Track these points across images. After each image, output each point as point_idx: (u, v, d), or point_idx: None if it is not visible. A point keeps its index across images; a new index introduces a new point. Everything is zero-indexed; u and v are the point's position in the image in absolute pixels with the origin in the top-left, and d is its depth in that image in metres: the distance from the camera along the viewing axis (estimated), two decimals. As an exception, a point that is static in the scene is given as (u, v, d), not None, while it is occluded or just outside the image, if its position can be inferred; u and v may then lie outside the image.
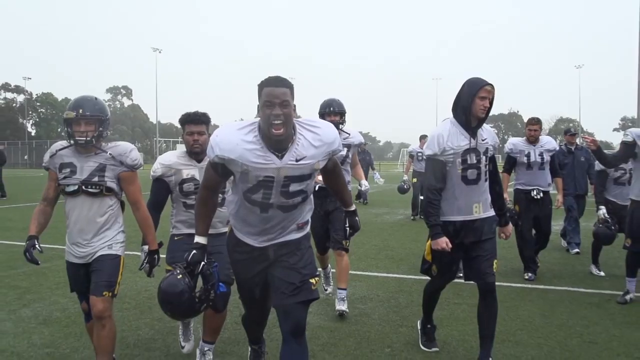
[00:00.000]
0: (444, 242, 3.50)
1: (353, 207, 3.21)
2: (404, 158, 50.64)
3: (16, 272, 6.47)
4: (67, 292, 4.40)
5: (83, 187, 3.24)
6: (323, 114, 4.86)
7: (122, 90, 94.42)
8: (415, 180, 12.06)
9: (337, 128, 3.88)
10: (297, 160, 2.57)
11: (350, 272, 5.16)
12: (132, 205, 3.41)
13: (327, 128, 2.70)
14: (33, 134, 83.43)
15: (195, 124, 3.65)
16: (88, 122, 3.22)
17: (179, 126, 3.81)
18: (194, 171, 3.64)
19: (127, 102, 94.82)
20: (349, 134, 4.95)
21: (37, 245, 3.20)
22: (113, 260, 3.28)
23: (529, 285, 6.12)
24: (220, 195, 3.61)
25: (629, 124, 66.18)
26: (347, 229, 3.27)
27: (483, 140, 3.63)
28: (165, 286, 2.78)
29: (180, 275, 2.76)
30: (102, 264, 3.25)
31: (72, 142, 3.26)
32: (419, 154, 11.78)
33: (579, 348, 4.15)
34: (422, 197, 10.54)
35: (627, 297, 5.40)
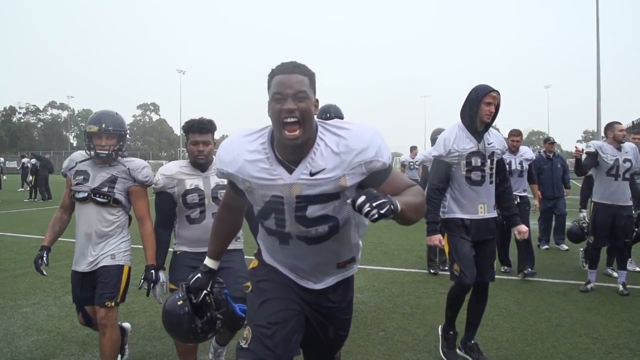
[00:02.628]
0: (436, 239, 3.40)
1: None
2: (396, 166, 50.62)
3: (60, 264, 6.47)
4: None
5: (92, 196, 2.97)
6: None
7: (150, 106, 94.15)
8: None
9: None
10: (311, 174, 1.69)
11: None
12: (139, 221, 3.10)
13: (358, 129, 1.72)
14: (74, 144, 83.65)
15: (200, 133, 2.98)
16: (110, 136, 2.98)
17: None
18: (197, 181, 3.01)
19: (155, 117, 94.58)
20: None
21: (44, 258, 3.00)
22: (116, 271, 2.99)
23: (505, 277, 6.12)
24: None
25: (590, 137, 66.10)
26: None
27: (489, 144, 3.41)
28: (165, 310, 2.20)
29: (181, 301, 2.13)
30: (105, 275, 2.97)
31: (92, 154, 3.00)
32: (410, 163, 11.80)
33: (547, 330, 4.16)
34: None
35: (589, 286, 5.42)
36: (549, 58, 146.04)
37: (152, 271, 2.97)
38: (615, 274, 5.87)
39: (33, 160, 18.28)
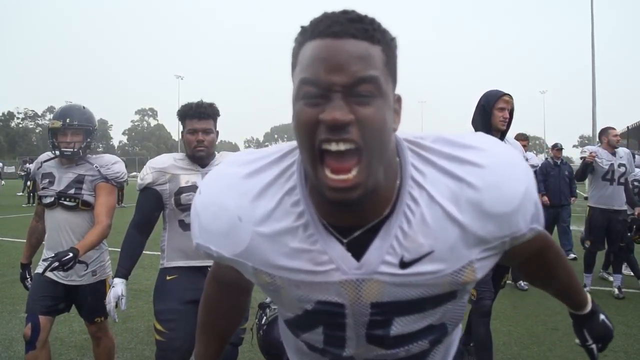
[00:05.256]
0: None
1: (588, 308, 1.26)
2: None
3: (58, 269, 6.48)
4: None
5: (59, 200, 2.63)
6: None
7: (148, 111, 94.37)
8: None
9: None
10: (404, 264, 0.81)
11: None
12: (95, 219, 2.62)
13: (496, 164, 0.81)
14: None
15: (199, 118, 2.41)
16: (75, 132, 2.63)
17: None
18: (195, 177, 2.43)
19: (153, 122, 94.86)
20: None
21: (29, 279, 2.84)
22: (100, 287, 2.72)
23: (501, 280, 6.13)
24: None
25: (586, 142, 66.52)
26: (592, 347, 1.28)
27: None
28: None
29: None
30: (88, 293, 2.70)
31: (57, 153, 2.66)
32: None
33: (543, 334, 4.17)
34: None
35: (584, 290, 5.42)
36: (545, 63, 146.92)
37: (71, 254, 2.34)
38: (610, 278, 5.90)
39: (31, 166, 18.30)
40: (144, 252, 2.56)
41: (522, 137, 6.24)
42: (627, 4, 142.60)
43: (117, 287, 2.37)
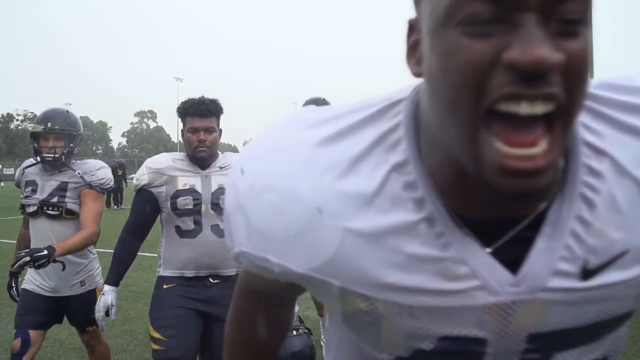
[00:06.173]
0: None
1: None
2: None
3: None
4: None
5: (42, 209, 2.51)
6: None
7: (148, 114, 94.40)
8: None
9: None
10: (585, 273, 0.51)
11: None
12: (81, 225, 2.49)
13: None
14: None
15: (201, 116, 2.24)
16: (57, 137, 2.53)
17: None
18: (194, 180, 2.25)
19: (152, 124, 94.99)
20: None
21: (14, 288, 2.75)
22: (89, 297, 2.59)
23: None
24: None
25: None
26: None
27: None
28: None
29: None
30: (77, 304, 2.59)
31: (38, 159, 2.53)
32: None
33: (543, 336, 4.18)
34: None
35: None
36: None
37: (46, 252, 2.25)
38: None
39: (30, 167, 18.23)
40: (143, 253, 2.52)
41: None
42: (626, 6, 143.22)
43: (107, 296, 2.29)
